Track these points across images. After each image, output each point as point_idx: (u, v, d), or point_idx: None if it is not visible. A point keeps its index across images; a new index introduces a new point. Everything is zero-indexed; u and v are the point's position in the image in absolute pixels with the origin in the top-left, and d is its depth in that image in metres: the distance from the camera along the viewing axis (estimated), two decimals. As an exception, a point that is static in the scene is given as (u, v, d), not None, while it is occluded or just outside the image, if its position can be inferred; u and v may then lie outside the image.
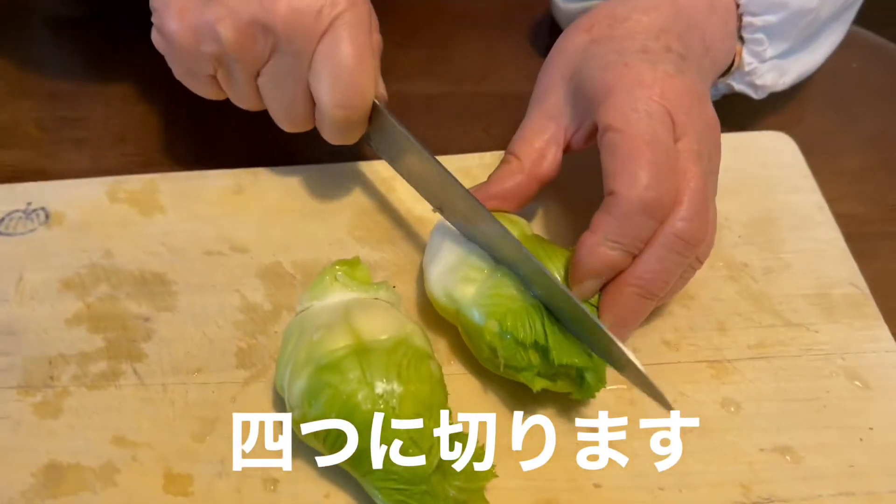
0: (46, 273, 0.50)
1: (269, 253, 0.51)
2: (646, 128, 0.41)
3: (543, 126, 0.47)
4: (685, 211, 0.40)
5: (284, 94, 0.47)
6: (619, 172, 0.40)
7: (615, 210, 0.40)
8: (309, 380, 0.38)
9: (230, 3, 0.43)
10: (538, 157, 0.47)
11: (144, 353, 0.46)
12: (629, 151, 0.40)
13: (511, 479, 0.41)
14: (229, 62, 0.46)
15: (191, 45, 0.45)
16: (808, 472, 0.41)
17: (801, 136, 0.58)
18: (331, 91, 0.45)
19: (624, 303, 0.41)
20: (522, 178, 0.47)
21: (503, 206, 0.47)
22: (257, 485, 0.41)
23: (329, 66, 0.45)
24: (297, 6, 0.43)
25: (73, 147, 0.59)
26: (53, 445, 0.43)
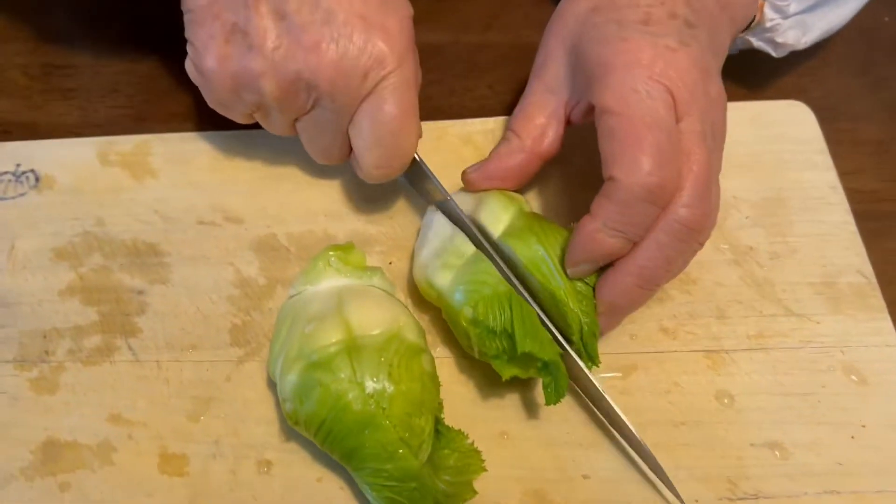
0: (38, 241, 0.49)
1: (264, 224, 0.50)
2: (646, 109, 0.38)
3: (544, 100, 0.45)
4: (688, 197, 0.39)
5: (323, 140, 0.45)
6: (618, 157, 0.38)
7: (615, 196, 0.38)
8: (300, 376, 0.38)
9: (275, 56, 0.41)
10: (539, 135, 0.45)
11: (139, 327, 0.46)
12: (629, 135, 0.38)
13: (500, 468, 0.42)
14: (269, 109, 0.44)
15: (229, 90, 0.43)
16: (796, 469, 0.42)
17: (819, 100, 0.56)
18: (371, 153, 0.44)
19: (623, 291, 0.41)
20: (523, 156, 0.45)
21: (503, 185, 0.46)
22: (251, 466, 0.42)
23: (371, 127, 0.43)
24: (343, 67, 0.41)
25: (62, 98, 0.57)
26: (51, 422, 0.43)
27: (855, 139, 0.55)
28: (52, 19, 0.60)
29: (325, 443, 0.38)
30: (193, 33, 0.43)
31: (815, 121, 0.53)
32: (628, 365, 0.45)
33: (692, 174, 0.39)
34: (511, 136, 0.46)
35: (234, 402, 0.44)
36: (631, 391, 0.44)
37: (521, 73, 0.58)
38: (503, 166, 0.45)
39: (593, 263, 0.41)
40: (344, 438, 0.37)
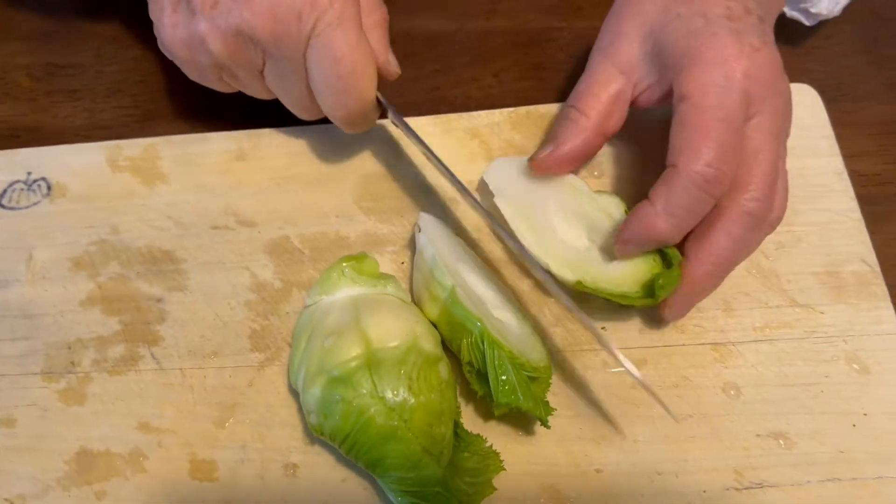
0: (55, 251, 0.50)
1: (276, 227, 0.50)
2: (721, 104, 0.40)
3: (611, 78, 0.45)
4: (757, 191, 0.41)
5: (290, 90, 0.46)
6: (684, 146, 0.40)
7: (674, 183, 0.40)
8: (323, 390, 0.40)
9: (213, 15, 0.42)
10: (606, 113, 0.45)
11: (160, 335, 0.47)
12: (699, 126, 0.40)
13: (516, 464, 0.43)
14: (229, 67, 0.45)
15: (188, 56, 0.44)
16: (800, 458, 0.43)
17: (823, 80, 0.56)
18: (326, 99, 0.44)
19: (696, 282, 0.43)
20: (589, 135, 0.45)
21: (573, 168, 0.47)
22: (278, 470, 0.44)
23: (319, 73, 0.43)
24: (277, 14, 0.41)
25: (67, 100, 0.57)
26: (82, 432, 0.45)
27: (859, 120, 0.55)
28: (50, 16, 0.60)
29: (350, 453, 0.40)
30: (151, 9, 0.45)
31: (822, 105, 0.53)
32: (638, 359, 0.46)
33: (761, 169, 0.41)
34: (577, 115, 0.45)
35: (258, 407, 0.45)
36: (638, 387, 0.45)
37: (527, 60, 0.58)
38: (571, 147, 0.45)
39: (641, 246, 0.43)
40: (369, 451, 0.39)
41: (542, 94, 0.56)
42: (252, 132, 0.53)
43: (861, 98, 0.56)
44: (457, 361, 0.44)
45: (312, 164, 0.52)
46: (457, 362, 0.44)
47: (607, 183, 0.51)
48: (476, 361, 0.42)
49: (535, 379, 0.42)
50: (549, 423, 0.41)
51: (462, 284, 0.44)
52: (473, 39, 0.59)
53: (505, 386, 0.40)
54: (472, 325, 0.42)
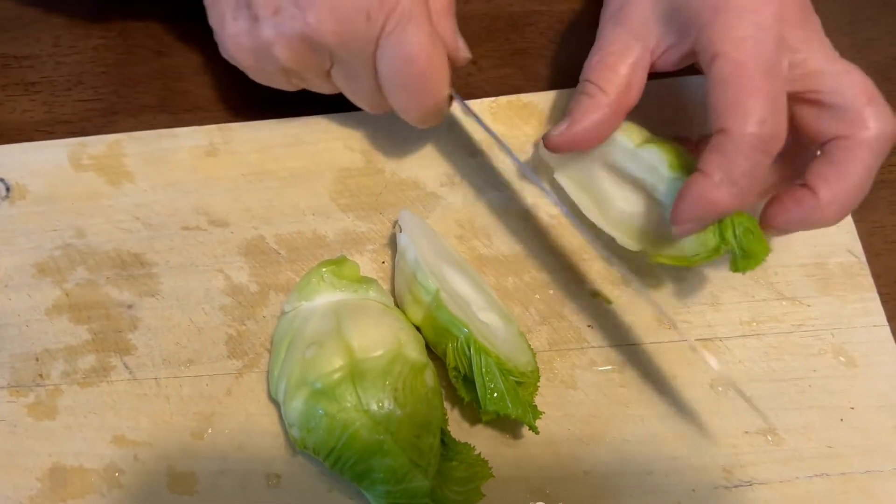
0: (18, 257, 0.47)
1: (250, 226, 0.48)
2: (760, 55, 0.37)
3: (627, 47, 0.42)
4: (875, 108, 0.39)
5: (360, 88, 0.44)
6: (731, 107, 0.37)
7: (728, 149, 0.37)
8: (305, 404, 0.38)
9: (277, 21, 0.40)
10: (625, 86, 0.42)
11: (132, 344, 0.46)
12: (743, 83, 0.37)
13: (504, 469, 0.43)
14: (296, 71, 0.44)
15: (255, 65, 0.44)
16: (788, 454, 0.43)
17: (809, 63, 0.55)
18: (398, 97, 0.43)
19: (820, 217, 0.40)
20: (607, 111, 0.42)
21: (590, 146, 0.43)
22: (261, 481, 0.43)
23: (390, 73, 0.41)
24: (342, 15, 0.39)
25: (25, 93, 0.54)
26: (54, 448, 0.43)
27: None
28: (3, 4, 0.56)
29: (335, 467, 0.39)
30: (210, 17, 0.44)
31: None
32: (624, 357, 0.45)
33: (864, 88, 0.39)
34: (594, 90, 0.42)
35: (238, 416, 0.44)
36: (627, 383, 0.45)
37: (507, 46, 0.56)
38: (589, 125, 0.42)
39: (702, 222, 0.39)
40: (354, 465, 0.38)
41: (524, 82, 0.54)
42: (223, 126, 0.51)
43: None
44: (442, 364, 0.43)
45: (287, 158, 0.50)
46: (442, 365, 0.43)
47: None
48: (462, 367, 0.41)
49: (522, 383, 0.41)
50: (537, 429, 0.41)
51: (446, 287, 0.43)
52: (451, 24, 0.57)
53: (493, 393, 0.39)
54: (458, 330, 0.41)
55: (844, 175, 0.39)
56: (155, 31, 0.55)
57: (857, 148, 0.39)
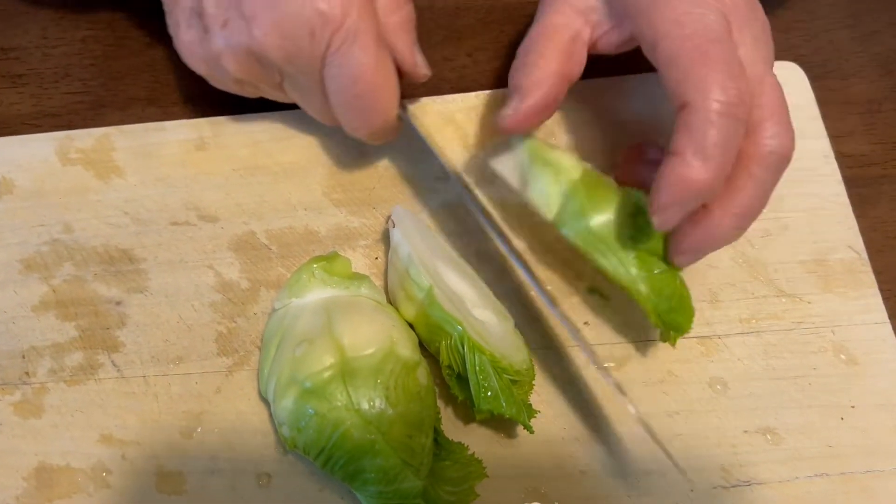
0: (4, 252, 0.47)
1: (241, 221, 0.47)
2: (706, 26, 0.35)
3: (567, 20, 0.41)
4: (774, 125, 0.37)
5: (311, 102, 0.44)
6: (687, 80, 0.35)
7: (695, 122, 0.35)
8: (295, 403, 0.38)
9: (225, 34, 0.40)
10: (566, 55, 0.41)
11: (121, 341, 0.45)
12: (695, 54, 0.35)
13: (499, 468, 0.42)
14: (248, 82, 0.43)
15: (209, 73, 0.44)
16: (788, 454, 0.43)
17: (808, 56, 0.54)
18: (345, 116, 0.42)
19: (719, 234, 0.38)
20: (554, 80, 0.40)
21: (541, 121, 0.42)
22: (250, 480, 0.42)
23: (338, 92, 0.41)
24: (286, 32, 0.38)
25: (12, 85, 0.53)
26: (41, 447, 0.42)
27: (845, 98, 0.54)
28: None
29: (326, 466, 0.38)
30: (168, 22, 0.44)
31: (808, 84, 0.51)
32: (622, 355, 0.45)
33: (771, 101, 0.37)
34: (535, 59, 0.41)
35: (227, 414, 0.43)
36: (624, 382, 0.44)
37: (503, 38, 0.55)
38: (541, 96, 0.40)
39: (683, 206, 0.36)
40: (345, 465, 0.37)
41: (519, 75, 0.53)
42: (213, 119, 0.50)
43: (846, 75, 0.55)
44: (435, 362, 0.42)
45: (278, 153, 0.49)
46: (435, 363, 0.42)
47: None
48: (456, 365, 0.40)
49: (517, 382, 0.40)
50: (532, 428, 0.40)
51: (440, 283, 0.42)
52: (444, 17, 0.56)
53: (487, 392, 0.39)
54: (452, 327, 0.40)
55: (734, 189, 0.37)
56: (143, 23, 0.54)
57: (748, 162, 0.37)
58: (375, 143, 0.46)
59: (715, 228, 0.38)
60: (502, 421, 0.42)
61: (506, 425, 0.43)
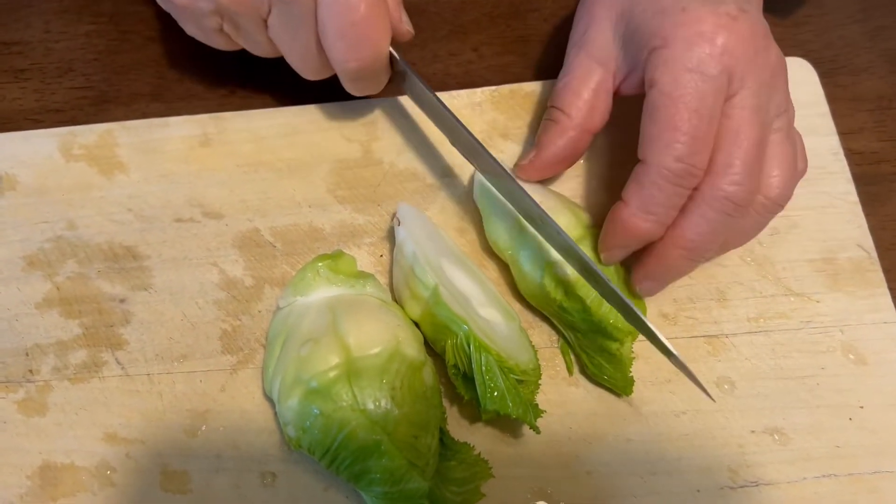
0: (7, 249, 0.46)
1: (245, 218, 0.47)
2: (693, 91, 0.38)
3: (590, 71, 0.43)
4: (736, 174, 0.38)
5: (296, 43, 0.43)
6: (653, 139, 0.38)
7: (645, 179, 0.39)
8: (300, 403, 0.37)
9: None
10: (588, 110, 0.43)
11: (125, 339, 0.44)
12: (668, 117, 0.38)
13: (504, 468, 0.42)
14: (231, 15, 0.42)
15: (189, 3, 0.42)
16: (796, 454, 0.42)
17: (818, 52, 0.54)
18: (337, 46, 0.41)
19: (669, 263, 0.41)
20: (574, 134, 0.43)
21: (559, 170, 0.45)
22: (255, 479, 0.42)
23: (331, 19, 0.40)
24: None
25: (14, 80, 0.53)
26: (45, 445, 0.42)
27: (855, 95, 0.53)
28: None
29: (331, 467, 0.38)
30: None
31: (818, 80, 0.51)
32: (628, 354, 0.44)
33: (741, 152, 0.38)
34: (559, 116, 0.43)
35: (232, 413, 0.43)
36: (632, 383, 0.44)
37: (509, 33, 0.55)
38: (556, 150, 0.43)
39: (626, 248, 0.41)
40: (350, 465, 0.37)
41: (525, 70, 0.53)
42: (217, 115, 0.49)
43: (856, 71, 0.54)
44: (441, 362, 0.42)
45: (283, 149, 0.49)
46: (441, 363, 0.42)
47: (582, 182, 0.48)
48: (462, 365, 0.40)
49: (523, 382, 0.40)
50: (538, 428, 0.39)
51: (445, 282, 0.41)
52: (450, 11, 0.55)
53: (493, 392, 0.38)
54: (458, 326, 0.40)
55: (684, 223, 0.39)
56: (147, 17, 0.54)
57: (700, 199, 0.39)
58: (361, 89, 0.45)
59: (664, 257, 0.40)
60: (508, 421, 0.42)
61: (512, 425, 0.43)
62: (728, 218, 0.39)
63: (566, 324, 0.43)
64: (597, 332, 0.42)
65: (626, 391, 0.42)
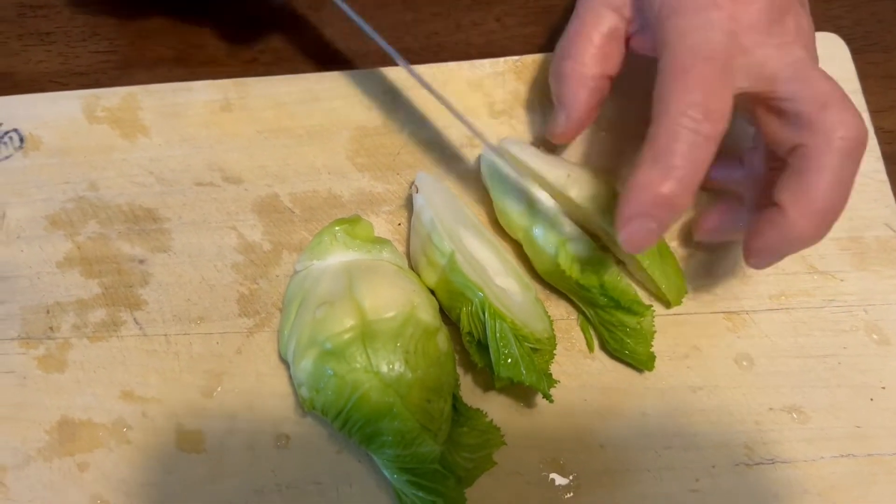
0: (30, 208, 0.47)
1: (264, 184, 0.47)
2: (703, 42, 0.35)
3: (601, 16, 0.41)
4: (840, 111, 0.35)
5: None
6: (665, 94, 0.35)
7: (661, 135, 0.34)
8: (314, 364, 0.37)
9: None
10: (603, 55, 0.41)
11: (143, 299, 0.45)
12: (678, 68, 0.35)
13: (517, 438, 0.41)
14: None
15: None
16: (814, 433, 0.42)
17: (850, 28, 0.52)
18: None
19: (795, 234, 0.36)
20: (594, 84, 0.41)
21: (589, 123, 0.42)
22: (269, 441, 0.42)
23: None
24: None
25: (40, 43, 0.53)
26: (63, 401, 0.43)
27: (887, 72, 0.52)
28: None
29: (343, 429, 0.38)
30: None
31: (850, 56, 0.49)
32: (646, 328, 0.44)
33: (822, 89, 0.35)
34: (573, 66, 0.41)
35: (247, 375, 0.43)
36: (648, 357, 0.43)
37: (532, 3, 0.54)
38: (584, 106, 0.41)
39: (651, 220, 0.35)
40: (362, 427, 0.37)
41: (548, 41, 0.52)
42: (239, 81, 0.49)
43: (889, 48, 0.53)
44: (456, 329, 0.41)
45: (303, 115, 0.49)
46: (456, 330, 0.41)
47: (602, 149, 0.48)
48: (476, 332, 0.39)
49: (537, 350, 0.40)
50: (552, 397, 0.39)
51: (462, 250, 0.41)
52: (475, -20, 0.55)
53: (507, 359, 0.38)
54: (473, 293, 0.39)
55: (807, 187, 0.35)
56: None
57: (817, 156, 0.35)
58: None
59: (791, 229, 0.35)
60: (522, 390, 0.42)
61: (525, 394, 0.42)
62: (853, 159, 0.35)
63: (585, 300, 0.43)
64: (616, 306, 0.41)
65: (648, 366, 0.42)
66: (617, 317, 0.42)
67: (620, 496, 0.41)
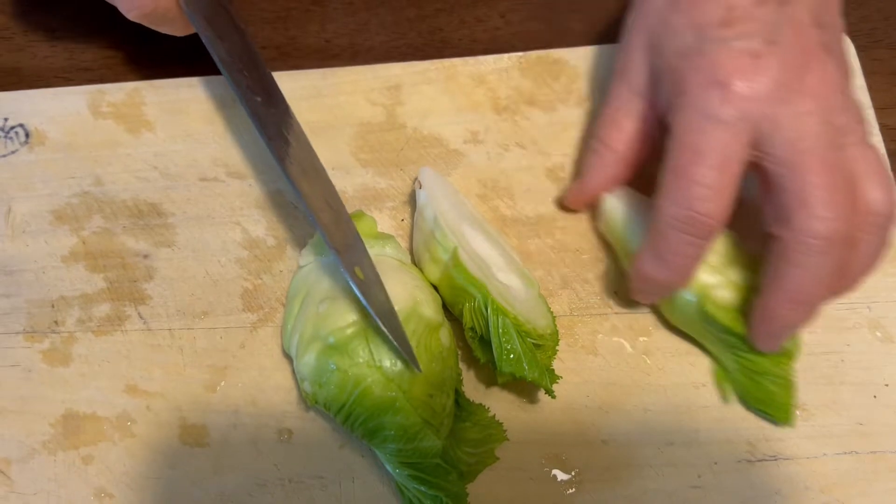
0: (35, 203, 0.47)
1: (269, 180, 0.47)
2: (703, 136, 0.36)
3: (630, 104, 0.42)
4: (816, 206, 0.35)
5: None
6: (662, 186, 0.37)
7: (655, 227, 0.38)
8: (317, 358, 0.38)
9: None
10: (630, 142, 0.42)
11: (147, 294, 0.45)
12: (675, 163, 0.37)
13: (519, 433, 0.41)
14: None
15: None
16: (817, 430, 0.42)
17: (856, 24, 0.52)
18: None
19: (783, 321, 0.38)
20: (615, 169, 0.43)
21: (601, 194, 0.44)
22: (272, 435, 0.42)
23: None
24: None
25: (46, 39, 0.53)
26: (68, 395, 0.43)
27: (892, 69, 0.52)
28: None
29: (346, 423, 0.38)
30: None
31: (855, 54, 0.49)
32: (649, 325, 0.44)
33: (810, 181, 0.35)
34: (600, 147, 0.43)
35: (251, 370, 0.43)
36: (651, 352, 0.43)
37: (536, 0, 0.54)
38: (599, 182, 0.43)
39: (649, 295, 0.42)
40: (365, 422, 0.37)
41: (553, 38, 0.52)
42: (243, 77, 0.49)
43: (895, 45, 0.53)
44: (459, 325, 0.42)
45: (307, 111, 0.49)
46: (459, 326, 0.42)
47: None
48: (479, 327, 0.40)
49: (540, 346, 0.40)
50: (554, 393, 0.39)
51: (465, 246, 0.41)
52: (480, -24, 0.55)
53: (509, 355, 0.38)
54: (476, 290, 0.39)
55: (781, 280, 0.36)
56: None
57: (790, 251, 0.35)
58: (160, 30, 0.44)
59: (776, 318, 0.37)
60: (524, 386, 0.42)
61: (528, 390, 0.42)
62: (829, 258, 0.35)
63: (728, 346, 0.41)
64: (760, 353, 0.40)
65: (789, 418, 0.41)
66: (762, 364, 0.40)
67: (622, 492, 0.41)
